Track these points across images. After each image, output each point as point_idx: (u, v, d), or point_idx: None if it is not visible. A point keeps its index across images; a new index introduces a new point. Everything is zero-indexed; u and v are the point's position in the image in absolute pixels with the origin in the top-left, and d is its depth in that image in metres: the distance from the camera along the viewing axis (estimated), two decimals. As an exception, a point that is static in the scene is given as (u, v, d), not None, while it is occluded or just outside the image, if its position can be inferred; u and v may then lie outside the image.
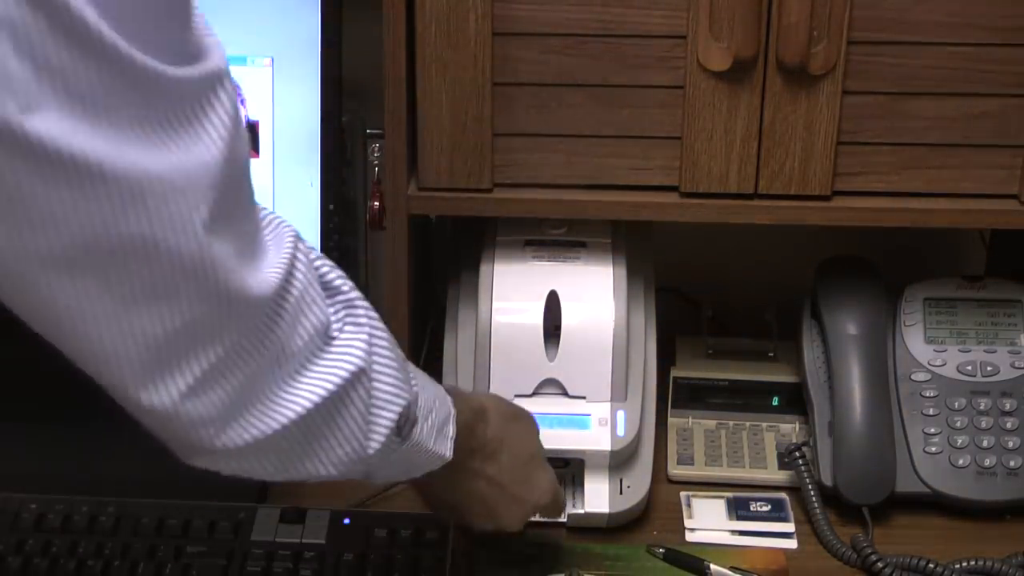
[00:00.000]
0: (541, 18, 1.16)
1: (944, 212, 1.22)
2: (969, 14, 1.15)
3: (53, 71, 0.67)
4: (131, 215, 0.72)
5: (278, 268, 0.84)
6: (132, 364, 0.77)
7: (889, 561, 1.18)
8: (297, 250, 0.87)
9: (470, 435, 1.06)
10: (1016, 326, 1.32)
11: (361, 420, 0.91)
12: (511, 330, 1.26)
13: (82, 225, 0.71)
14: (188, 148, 0.74)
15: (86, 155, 0.69)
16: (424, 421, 0.98)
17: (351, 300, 0.93)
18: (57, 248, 0.71)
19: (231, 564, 1.15)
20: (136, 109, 0.71)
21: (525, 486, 1.11)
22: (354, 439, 0.91)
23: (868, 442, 1.25)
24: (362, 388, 0.90)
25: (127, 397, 0.80)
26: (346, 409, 0.90)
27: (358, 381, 0.90)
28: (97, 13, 0.67)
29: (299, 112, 1.28)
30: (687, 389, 1.39)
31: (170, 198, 0.73)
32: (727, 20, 1.14)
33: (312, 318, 0.87)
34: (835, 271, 1.34)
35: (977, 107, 1.19)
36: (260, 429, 0.85)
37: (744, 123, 1.18)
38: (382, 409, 0.93)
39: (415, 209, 1.24)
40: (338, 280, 0.93)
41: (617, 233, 1.31)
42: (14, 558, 1.15)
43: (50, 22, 0.66)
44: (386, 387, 0.93)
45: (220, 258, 0.78)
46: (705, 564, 1.19)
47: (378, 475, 0.99)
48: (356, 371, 0.89)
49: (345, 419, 0.90)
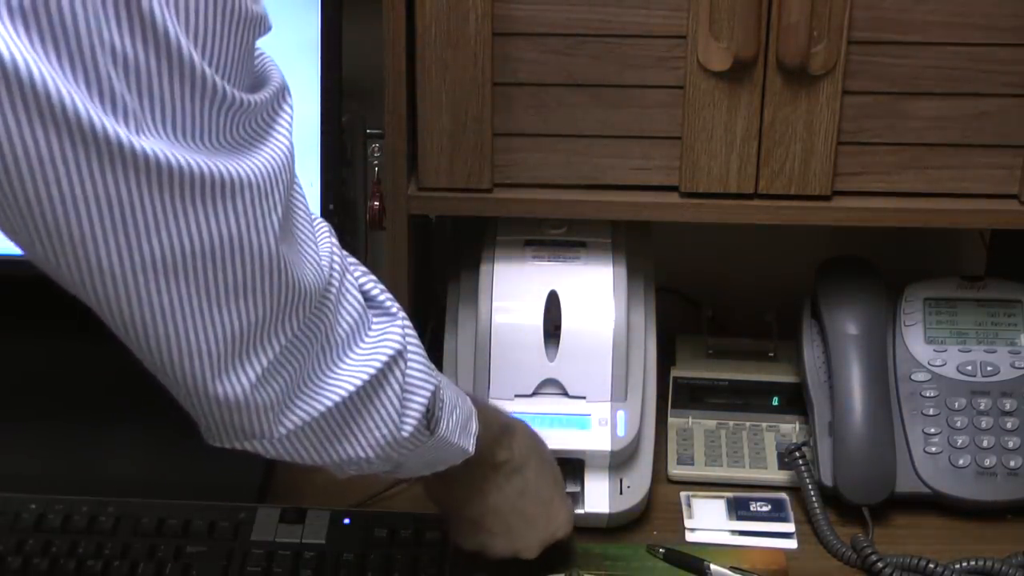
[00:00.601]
0: (541, 18, 1.16)
1: (944, 212, 1.22)
2: (969, 14, 1.15)
3: (155, 99, 0.74)
4: (223, 218, 0.78)
5: (324, 260, 0.91)
6: (212, 357, 0.82)
7: (889, 561, 1.18)
8: (333, 244, 0.93)
9: (497, 448, 1.10)
10: (1016, 326, 1.32)
11: (397, 401, 0.95)
12: (511, 330, 1.26)
13: (183, 231, 0.77)
14: (266, 155, 0.82)
15: (189, 166, 0.75)
16: (449, 416, 1.01)
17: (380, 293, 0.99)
18: (159, 255, 0.77)
19: (231, 564, 1.15)
20: (225, 128, 0.78)
21: (546, 511, 1.13)
22: (391, 420, 0.95)
23: (868, 442, 1.25)
24: (398, 370, 0.95)
25: (198, 389, 0.84)
26: (384, 391, 0.94)
27: (395, 363, 0.95)
28: (196, 51, 0.74)
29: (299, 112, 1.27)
30: (687, 389, 1.39)
31: (257, 199, 0.80)
32: (727, 20, 1.14)
33: (351, 306, 0.93)
34: (835, 271, 1.34)
35: (977, 107, 1.19)
36: (308, 412, 0.90)
37: (744, 123, 1.18)
38: (415, 392, 0.97)
39: (415, 209, 1.24)
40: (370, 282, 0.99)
41: (617, 233, 1.31)
42: (14, 558, 1.15)
43: (157, 56, 0.73)
44: (417, 371, 0.98)
45: (287, 253, 0.84)
46: (705, 564, 1.19)
47: (407, 468, 1.03)
48: (394, 353, 0.95)
49: (383, 400, 0.95)
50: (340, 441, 0.94)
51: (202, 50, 0.75)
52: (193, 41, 0.74)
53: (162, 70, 0.73)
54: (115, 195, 0.73)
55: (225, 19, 0.76)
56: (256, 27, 0.80)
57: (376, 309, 0.98)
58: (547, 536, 1.13)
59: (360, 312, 0.94)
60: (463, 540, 1.13)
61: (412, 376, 0.97)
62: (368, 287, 0.98)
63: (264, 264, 0.82)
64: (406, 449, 0.98)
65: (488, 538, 1.12)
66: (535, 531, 1.13)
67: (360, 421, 0.94)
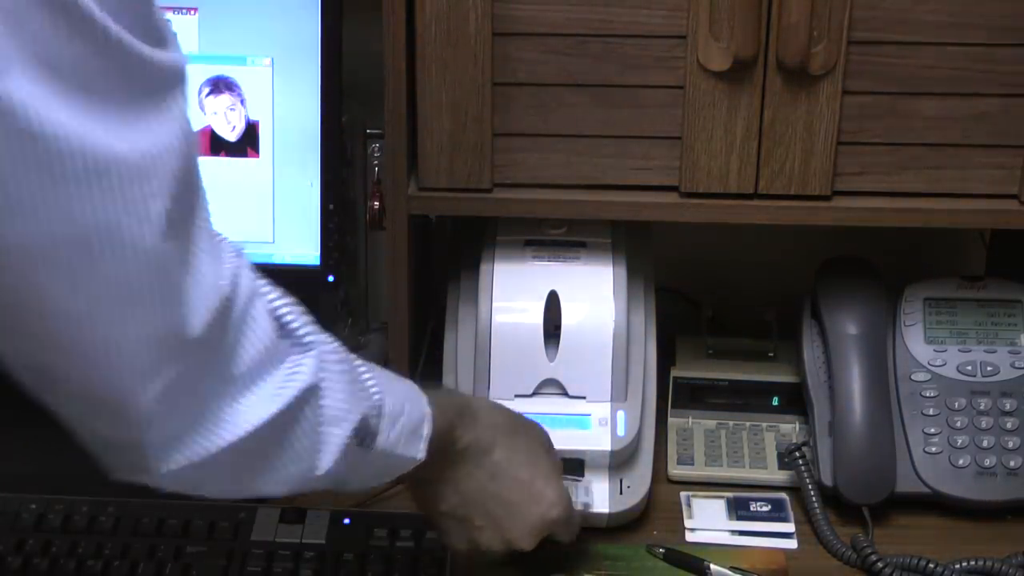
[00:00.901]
0: (541, 18, 1.16)
1: (944, 212, 1.22)
2: (969, 14, 1.15)
3: (26, 32, 0.66)
4: (91, 198, 0.70)
5: (224, 280, 0.82)
6: (102, 368, 0.76)
7: (889, 561, 1.18)
8: (242, 266, 0.85)
9: (455, 434, 1.05)
10: (1016, 326, 1.32)
11: (311, 438, 0.90)
12: (511, 330, 1.26)
13: (50, 204, 0.69)
14: (155, 133, 0.73)
15: (56, 125, 0.67)
16: (391, 428, 0.96)
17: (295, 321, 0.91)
18: (29, 233, 0.70)
19: (231, 564, 1.15)
20: (108, 83, 0.70)
21: (527, 492, 1.08)
22: (305, 457, 0.90)
23: (868, 442, 1.25)
24: (310, 407, 0.89)
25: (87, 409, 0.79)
26: (295, 428, 0.89)
27: (306, 400, 0.89)
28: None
29: (299, 112, 1.28)
30: (687, 389, 1.39)
31: (134, 182, 0.72)
32: (727, 20, 1.14)
33: (258, 335, 0.85)
34: (835, 271, 1.34)
35: (977, 107, 1.19)
36: (206, 447, 0.84)
37: (744, 123, 1.18)
38: (333, 427, 0.91)
39: (415, 209, 1.24)
40: (284, 309, 0.90)
41: (617, 233, 1.31)
42: (14, 558, 1.15)
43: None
44: (337, 404, 0.91)
45: (174, 255, 0.77)
46: (705, 564, 1.19)
47: (349, 484, 0.98)
48: (305, 388, 0.88)
49: (296, 437, 0.89)
50: (248, 478, 0.89)
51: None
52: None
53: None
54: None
55: None
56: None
57: (290, 339, 0.90)
58: (536, 520, 1.08)
59: (269, 342, 0.86)
60: (452, 541, 1.09)
61: (331, 409, 0.91)
62: (284, 315, 0.90)
63: (142, 261, 0.74)
64: (331, 478, 0.93)
65: (474, 532, 1.07)
66: (521, 516, 1.07)
67: (268, 459, 0.89)
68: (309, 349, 0.90)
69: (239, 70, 1.28)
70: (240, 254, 0.85)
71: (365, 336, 1.52)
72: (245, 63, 1.28)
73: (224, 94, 1.28)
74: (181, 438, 0.83)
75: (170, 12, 1.26)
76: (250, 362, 0.85)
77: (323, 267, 1.32)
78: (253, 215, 1.31)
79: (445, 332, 1.32)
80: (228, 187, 1.30)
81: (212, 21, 1.27)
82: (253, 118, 1.29)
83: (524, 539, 1.08)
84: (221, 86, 1.28)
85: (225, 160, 1.29)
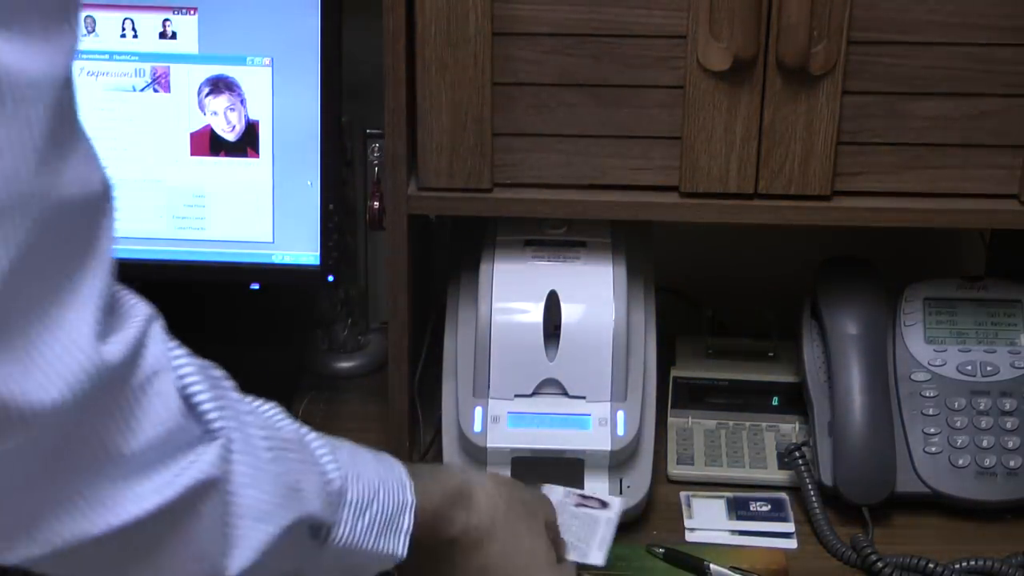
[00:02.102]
0: (541, 18, 1.16)
1: (944, 212, 1.22)
2: (969, 14, 1.15)
3: None
4: None
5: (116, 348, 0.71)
6: None
7: (889, 561, 1.18)
8: (147, 336, 0.75)
9: (445, 522, 0.96)
10: (1016, 326, 1.32)
11: (217, 537, 0.80)
12: (511, 330, 1.26)
13: None
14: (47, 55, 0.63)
15: None
16: (355, 519, 0.88)
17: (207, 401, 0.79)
18: None
19: (231, 564, 1.14)
20: None
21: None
22: (208, 555, 0.80)
23: (868, 442, 1.25)
24: (211, 502, 0.79)
25: None
26: (194, 522, 0.78)
27: (205, 493, 0.78)
28: None
29: (299, 112, 1.28)
30: (687, 389, 1.39)
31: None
32: (727, 20, 1.14)
33: (159, 414, 0.75)
34: (835, 271, 1.34)
35: (977, 107, 1.19)
36: (68, 536, 0.73)
37: (744, 123, 1.18)
38: (253, 522, 0.81)
39: (415, 209, 1.24)
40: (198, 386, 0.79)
41: (617, 233, 1.31)
42: (14, 558, 1.15)
43: None
44: (259, 497, 0.81)
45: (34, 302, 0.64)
46: (705, 564, 1.19)
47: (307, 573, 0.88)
48: (204, 481, 0.77)
49: (197, 532, 0.78)
50: (138, 570, 0.78)
51: None
52: None
53: None
54: None
55: None
56: None
57: (199, 423, 0.78)
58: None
59: (173, 424, 0.75)
60: None
61: (250, 502, 0.80)
62: (195, 392, 0.78)
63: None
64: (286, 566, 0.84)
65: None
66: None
67: (160, 552, 0.77)
68: (215, 437, 0.79)
69: (239, 70, 1.28)
70: (151, 319, 0.75)
71: (365, 336, 1.52)
72: (245, 63, 1.28)
73: (224, 94, 1.28)
74: (33, 521, 0.72)
75: (170, 12, 1.26)
76: (143, 443, 0.74)
77: (323, 267, 1.32)
78: (253, 215, 1.31)
79: (445, 332, 1.32)
80: (228, 187, 1.30)
81: (212, 21, 1.27)
82: (253, 118, 1.29)
83: None
84: (221, 86, 1.28)
85: (225, 160, 1.29)
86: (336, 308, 1.49)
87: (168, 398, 0.75)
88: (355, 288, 1.50)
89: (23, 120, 0.62)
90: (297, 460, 0.85)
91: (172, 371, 0.76)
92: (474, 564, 0.97)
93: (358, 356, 1.50)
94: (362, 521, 0.88)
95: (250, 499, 0.80)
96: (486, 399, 1.25)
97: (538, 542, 1.01)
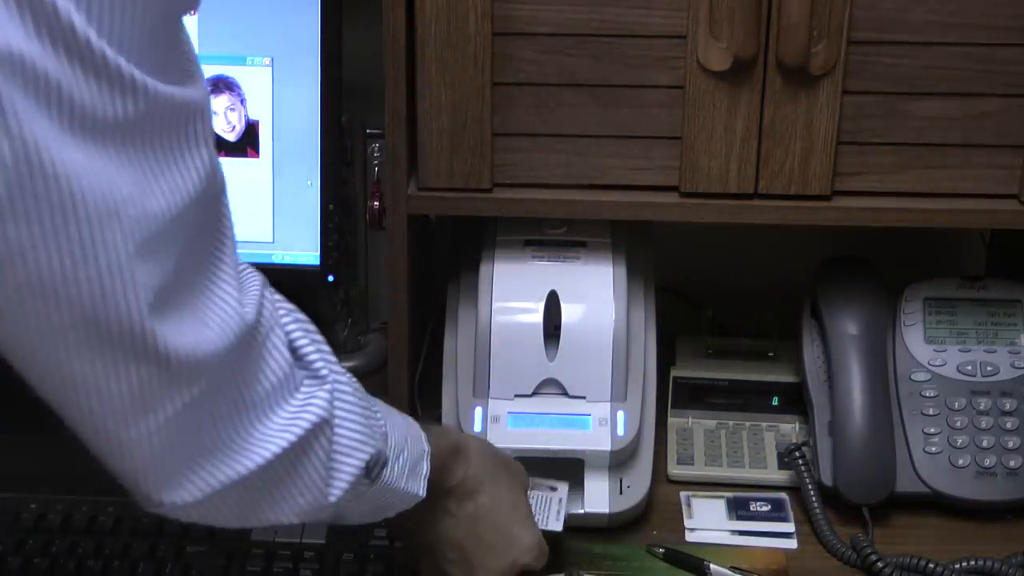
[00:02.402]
0: (541, 18, 1.16)
1: (944, 212, 1.22)
2: (969, 14, 1.15)
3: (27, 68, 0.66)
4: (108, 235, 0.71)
5: (248, 309, 0.83)
6: (109, 402, 0.77)
7: (889, 561, 1.18)
8: (265, 296, 0.86)
9: (446, 473, 1.05)
10: (1016, 326, 1.32)
11: (322, 469, 0.90)
12: (511, 330, 1.26)
13: (61, 242, 0.70)
14: (168, 178, 0.74)
15: (70, 165, 0.68)
16: (395, 462, 0.97)
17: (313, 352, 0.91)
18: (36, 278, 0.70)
19: (231, 564, 1.15)
20: (128, 126, 0.70)
21: (504, 537, 1.07)
22: (315, 488, 0.90)
23: (868, 442, 1.25)
24: (324, 438, 0.90)
25: (102, 443, 0.80)
26: (307, 459, 0.89)
27: (320, 432, 0.89)
28: (85, 20, 0.67)
29: (299, 112, 1.28)
30: (687, 389, 1.39)
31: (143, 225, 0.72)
32: (727, 20, 1.14)
33: (277, 363, 0.86)
34: (835, 271, 1.34)
35: (977, 107, 1.19)
36: (221, 477, 0.84)
37: (744, 123, 1.18)
38: (346, 457, 0.92)
39: (415, 209, 1.24)
40: (302, 339, 0.91)
41: (617, 233, 1.31)
42: (14, 558, 1.15)
43: (36, 22, 0.65)
44: (350, 436, 0.92)
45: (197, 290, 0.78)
46: (705, 564, 1.19)
47: (349, 517, 0.99)
48: (319, 421, 0.89)
49: (306, 468, 0.89)
50: (259, 508, 0.89)
51: (86, 12, 0.66)
52: (86, 16, 0.66)
53: (39, 31, 0.65)
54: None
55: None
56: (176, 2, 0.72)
57: (306, 370, 0.91)
58: (507, 564, 1.07)
59: (285, 372, 0.87)
60: (422, 569, 1.10)
61: (344, 442, 0.92)
62: (301, 344, 0.91)
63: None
64: (342, 505, 0.94)
65: (445, 566, 1.07)
66: (493, 558, 1.07)
67: (282, 488, 0.89)
68: (325, 382, 0.90)
69: (239, 70, 1.28)
70: (264, 284, 0.87)
71: (365, 336, 1.52)
72: (245, 63, 1.28)
73: (224, 94, 1.28)
74: (189, 469, 0.82)
75: (170, 12, 1.26)
76: (266, 391, 0.86)
77: (323, 267, 1.32)
78: (253, 215, 1.31)
79: (445, 332, 1.32)
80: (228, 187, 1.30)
81: (212, 21, 1.27)
82: (253, 118, 1.29)
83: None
84: (221, 86, 1.28)
85: (225, 160, 1.28)
86: (336, 308, 1.49)
87: (282, 350, 0.87)
88: (355, 288, 1.50)
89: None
90: (366, 403, 0.95)
91: (281, 327, 0.88)
92: (466, 512, 1.06)
93: (358, 356, 1.50)
94: (398, 463, 0.97)
95: (347, 435, 0.92)
96: (486, 399, 1.25)
97: (520, 498, 1.11)
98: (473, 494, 1.07)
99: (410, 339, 1.29)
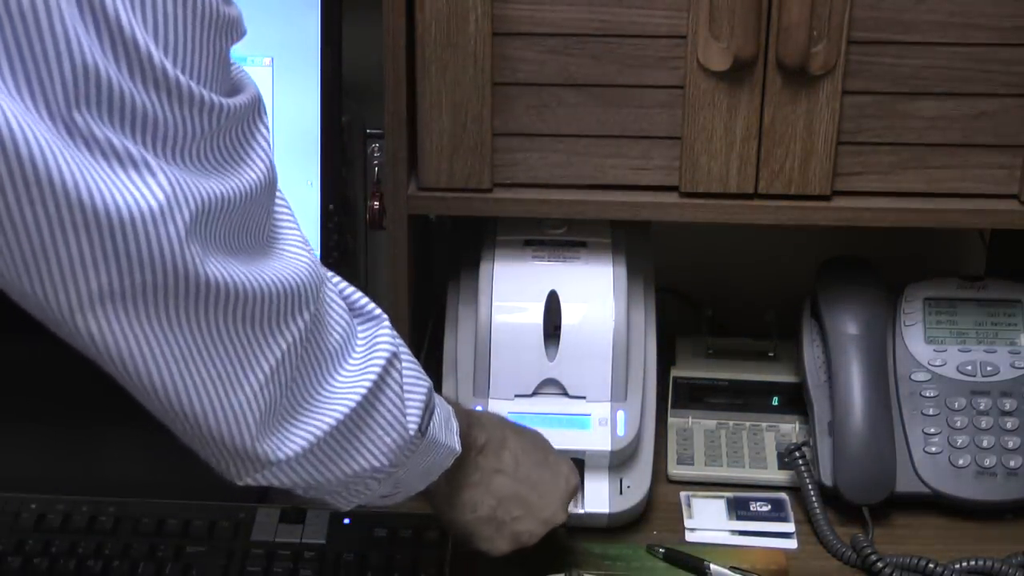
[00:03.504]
0: (541, 18, 1.16)
1: (944, 212, 1.22)
2: (969, 14, 1.15)
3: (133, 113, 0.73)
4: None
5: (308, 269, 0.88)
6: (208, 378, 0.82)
7: (889, 561, 1.18)
8: (312, 255, 0.90)
9: (474, 433, 1.08)
10: (1016, 326, 1.32)
11: (399, 401, 0.95)
12: (511, 330, 1.26)
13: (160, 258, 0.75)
14: (248, 176, 0.81)
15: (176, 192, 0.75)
16: (433, 413, 1.00)
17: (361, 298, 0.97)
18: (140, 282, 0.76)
19: (231, 564, 1.15)
20: (210, 139, 0.78)
21: (550, 470, 1.12)
22: (397, 423, 0.94)
23: (868, 442, 1.25)
24: (395, 372, 0.95)
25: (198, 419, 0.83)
26: (385, 395, 0.94)
27: (391, 367, 0.94)
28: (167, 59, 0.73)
29: (299, 112, 1.28)
30: (687, 389, 1.39)
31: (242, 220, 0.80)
32: (727, 20, 1.14)
33: (338, 315, 0.92)
34: (835, 271, 1.34)
35: (977, 107, 1.19)
36: (313, 431, 0.89)
37: (744, 123, 1.18)
38: (413, 387, 0.97)
39: (415, 209, 1.24)
40: (348, 288, 0.97)
41: (617, 233, 1.31)
42: (14, 558, 1.15)
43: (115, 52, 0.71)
44: (411, 370, 0.97)
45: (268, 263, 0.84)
46: (705, 564, 1.19)
47: (404, 483, 1.01)
48: (390, 356, 0.94)
49: (387, 405, 0.94)
50: (352, 455, 0.93)
51: (173, 57, 0.74)
52: (163, 49, 0.73)
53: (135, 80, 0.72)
54: None
55: (196, 24, 0.75)
56: (230, 31, 0.79)
57: (359, 316, 0.96)
58: (563, 491, 1.12)
59: (347, 320, 0.93)
60: (494, 544, 1.10)
61: (408, 375, 0.97)
62: (349, 293, 0.97)
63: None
64: (410, 452, 0.97)
65: (514, 526, 1.09)
66: (551, 493, 1.11)
67: (368, 431, 0.93)
68: (382, 320, 0.96)
69: (239, 70, 1.28)
70: (307, 243, 0.91)
71: (365, 336, 1.52)
72: (245, 63, 1.27)
73: (224, 94, 1.28)
74: (292, 424, 0.87)
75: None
76: (337, 340, 0.91)
77: (323, 267, 1.32)
78: (253, 215, 1.31)
79: (445, 332, 1.32)
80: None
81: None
82: (253, 118, 1.28)
83: (560, 513, 1.12)
84: (221, 86, 1.28)
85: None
86: (336, 308, 1.49)
87: (338, 300, 0.93)
88: (355, 288, 1.50)
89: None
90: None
91: (329, 279, 0.94)
92: (505, 467, 1.10)
93: (358, 356, 1.50)
94: (436, 416, 1.00)
95: (408, 368, 0.97)
96: (486, 399, 1.25)
97: (537, 436, 1.15)
98: (503, 446, 1.10)
99: (410, 339, 1.29)
